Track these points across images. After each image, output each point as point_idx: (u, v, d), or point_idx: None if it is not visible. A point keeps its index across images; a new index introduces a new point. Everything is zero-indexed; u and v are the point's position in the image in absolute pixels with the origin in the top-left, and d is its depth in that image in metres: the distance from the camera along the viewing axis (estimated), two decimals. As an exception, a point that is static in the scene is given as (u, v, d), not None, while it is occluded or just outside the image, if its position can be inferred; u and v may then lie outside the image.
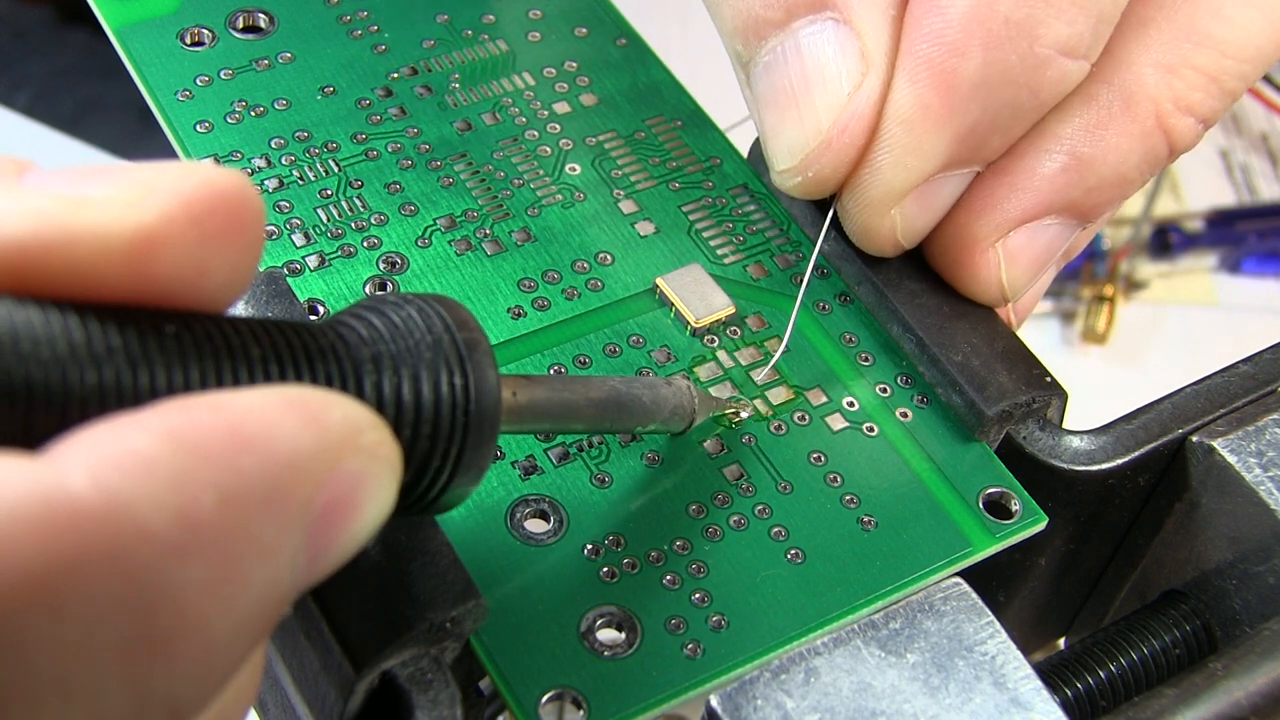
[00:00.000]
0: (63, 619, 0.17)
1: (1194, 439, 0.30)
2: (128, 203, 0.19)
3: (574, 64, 0.36)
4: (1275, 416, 0.30)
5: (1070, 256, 0.32)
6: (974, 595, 0.27)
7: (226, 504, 0.18)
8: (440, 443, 0.22)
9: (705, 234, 0.33)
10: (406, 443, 0.22)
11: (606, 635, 0.27)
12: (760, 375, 0.31)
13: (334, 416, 0.20)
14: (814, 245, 0.33)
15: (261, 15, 0.35)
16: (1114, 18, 0.29)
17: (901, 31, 0.28)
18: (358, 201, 0.32)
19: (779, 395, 0.31)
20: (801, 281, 0.32)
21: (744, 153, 0.35)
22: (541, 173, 0.34)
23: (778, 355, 0.31)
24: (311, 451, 0.20)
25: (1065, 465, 0.30)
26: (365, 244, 0.32)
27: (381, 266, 0.31)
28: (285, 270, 0.31)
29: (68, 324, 0.19)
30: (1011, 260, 0.31)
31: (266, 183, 0.32)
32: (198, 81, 0.34)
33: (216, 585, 0.18)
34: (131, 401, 0.19)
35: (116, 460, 0.18)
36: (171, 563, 0.18)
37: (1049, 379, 0.30)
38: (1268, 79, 0.77)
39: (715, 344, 0.31)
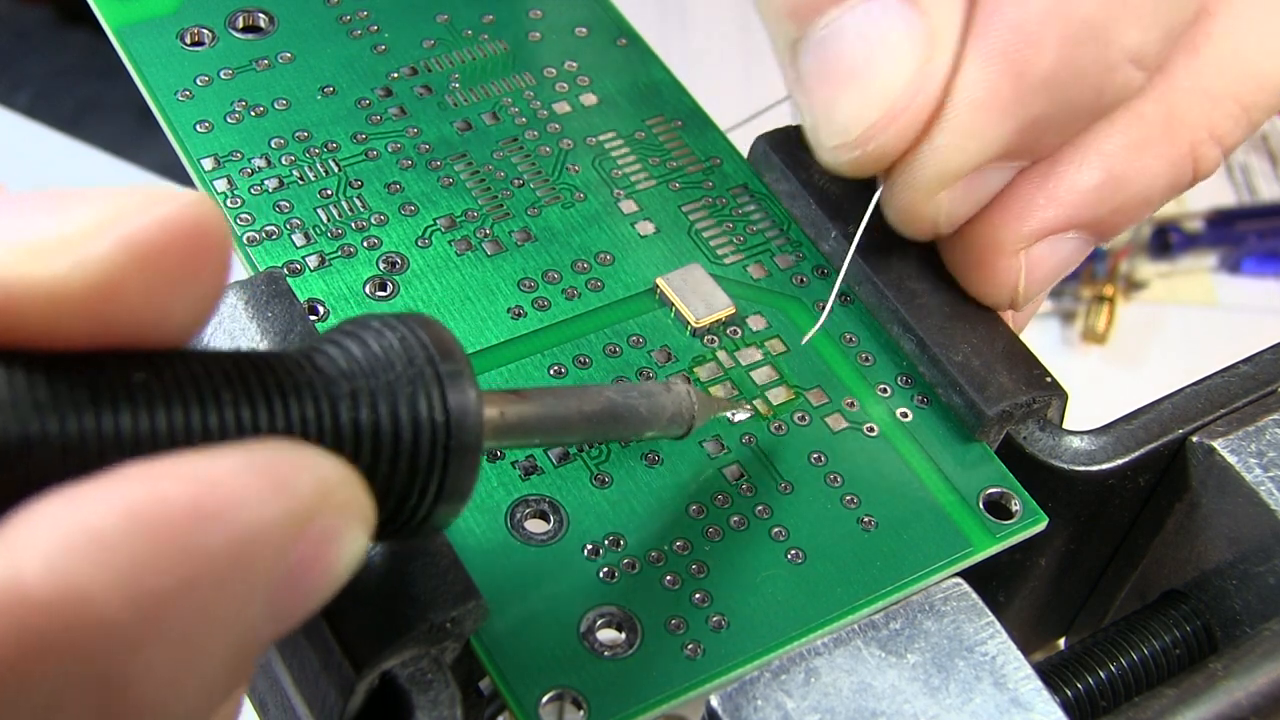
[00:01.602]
0: (20, 708, 0.17)
1: (1194, 439, 0.30)
2: (77, 254, 0.19)
3: (574, 64, 0.36)
4: (1275, 416, 0.30)
5: (1070, 271, 0.32)
6: (974, 595, 0.27)
7: (188, 586, 0.18)
8: (420, 474, 0.22)
9: (705, 234, 0.33)
10: (384, 477, 0.22)
11: (606, 635, 0.27)
12: (805, 339, 0.31)
13: (302, 482, 0.20)
14: (850, 241, 0.33)
15: (261, 15, 0.35)
16: (1178, 36, 0.29)
17: (974, 17, 0.28)
18: (358, 201, 0.32)
19: (779, 395, 0.31)
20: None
21: (744, 153, 0.35)
22: (541, 173, 0.34)
23: (814, 331, 0.31)
24: (279, 521, 0.19)
25: (1065, 465, 0.30)
26: (365, 244, 0.32)
27: (381, 266, 0.31)
28: (285, 270, 0.31)
29: (30, 378, 0.18)
30: (1031, 270, 0.31)
31: (266, 183, 0.32)
32: (198, 81, 0.34)
33: (178, 665, 0.18)
34: (97, 456, 0.18)
35: (73, 544, 0.17)
36: (132, 650, 0.17)
37: (1049, 379, 0.30)
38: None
39: (715, 344, 0.31)
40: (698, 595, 0.27)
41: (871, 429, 0.30)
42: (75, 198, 0.19)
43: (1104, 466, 0.30)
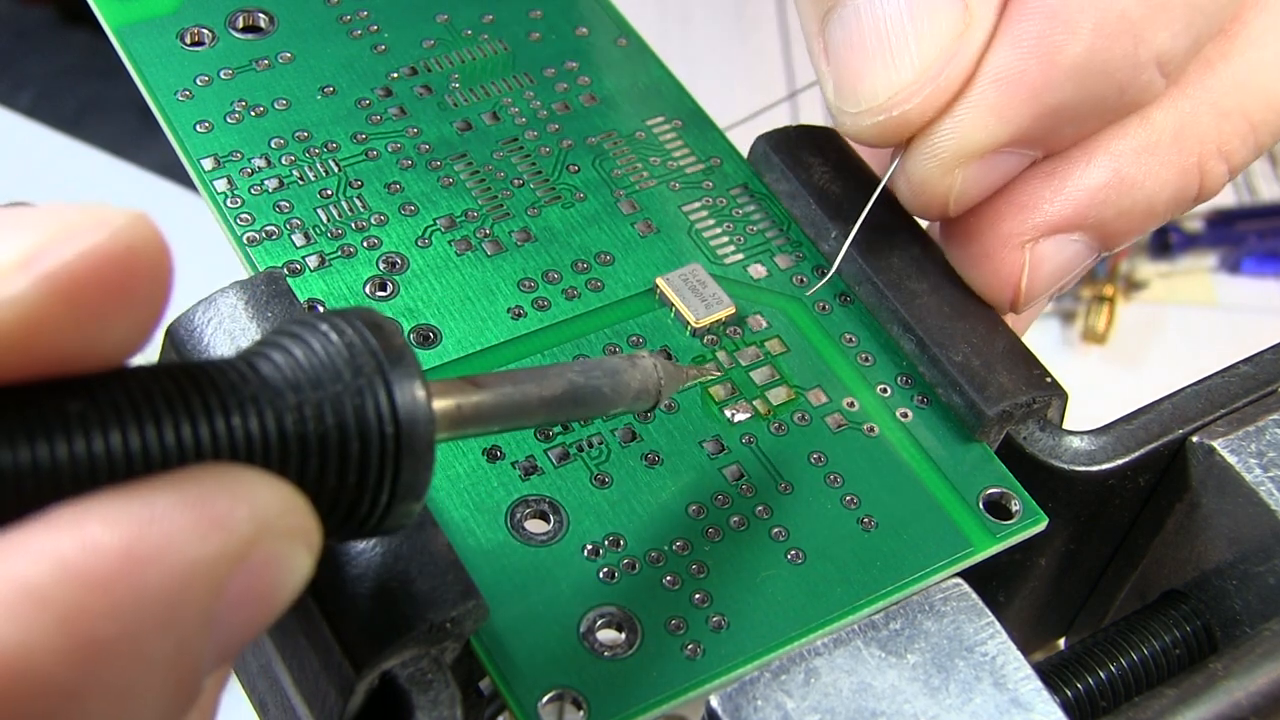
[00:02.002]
0: None
1: (1194, 439, 0.30)
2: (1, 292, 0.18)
3: (574, 64, 0.36)
4: (1275, 416, 0.30)
5: (1068, 283, 0.32)
6: (974, 595, 0.27)
7: (125, 635, 0.18)
8: (371, 482, 0.22)
9: (705, 234, 0.33)
10: (332, 489, 0.21)
11: (606, 635, 0.27)
12: (813, 290, 0.32)
13: (239, 515, 0.19)
14: (843, 240, 0.33)
15: (261, 15, 0.35)
16: (1203, 46, 0.29)
17: None
18: (358, 201, 0.32)
19: (779, 395, 0.31)
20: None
21: (744, 153, 0.35)
22: (541, 173, 0.34)
23: (820, 285, 0.32)
24: (215, 558, 0.19)
25: (1065, 465, 0.30)
26: (365, 244, 0.32)
27: (381, 266, 0.31)
28: (285, 270, 0.31)
29: None
30: (1034, 267, 0.31)
31: (266, 183, 0.32)
32: (198, 81, 0.34)
33: (120, 709, 0.18)
34: (34, 492, 0.18)
35: (5, 600, 0.17)
36: (72, 701, 0.17)
37: (1049, 379, 0.30)
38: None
39: (715, 344, 0.31)
40: (698, 595, 0.27)
41: (871, 429, 0.30)
42: (3, 226, 0.19)
43: (1104, 466, 0.30)
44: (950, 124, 0.29)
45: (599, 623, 0.27)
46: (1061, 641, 0.37)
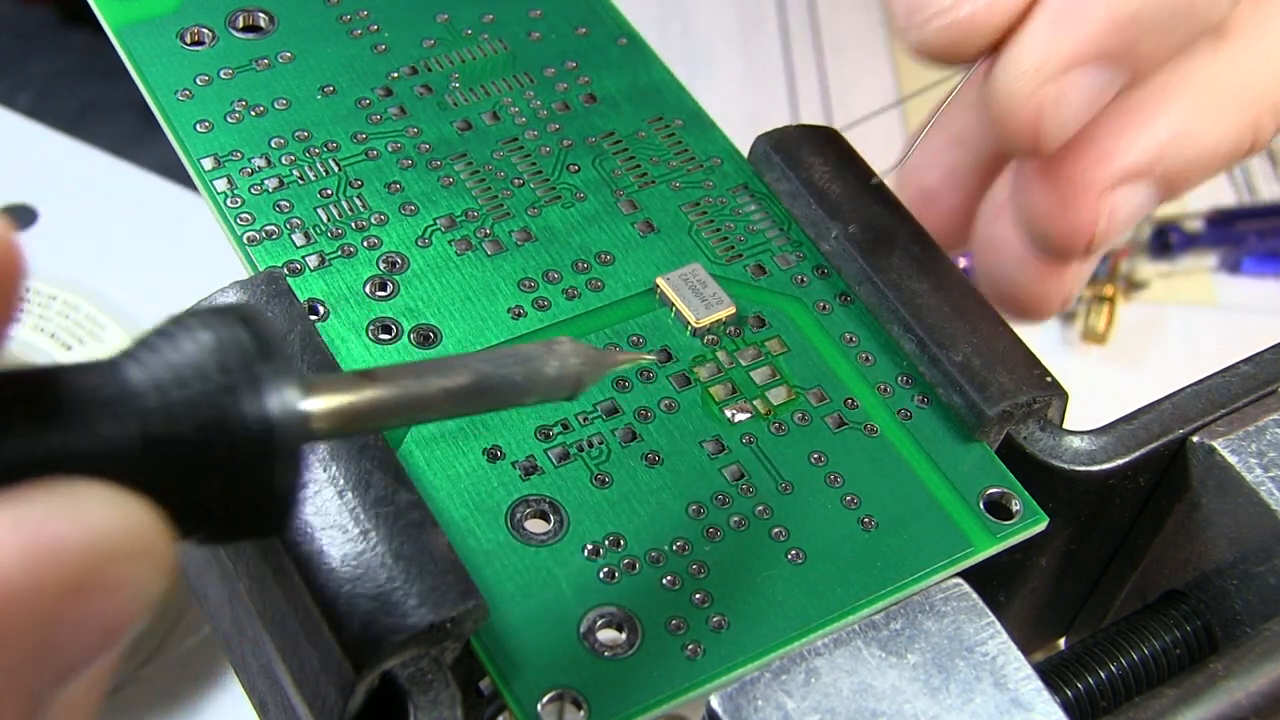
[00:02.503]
0: None
1: (1194, 439, 0.30)
2: None
3: (574, 64, 0.36)
4: (1275, 416, 0.30)
5: (1135, 223, 0.34)
6: (974, 595, 0.27)
7: None
8: (239, 486, 0.20)
9: (705, 234, 0.33)
10: (197, 491, 0.20)
11: (606, 635, 0.27)
12: (892, 168, 0.32)
13: (73, 541, 0.18)
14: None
15: (261, 15, 0.35)
16: None
17: None
18: (358, 201, 0.32)
19: (779, 395, 0.31)
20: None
21: (744, 153, 0.35)
22: (541, 173, 0.34)
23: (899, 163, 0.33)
24: (45, 589, 0.17)
25: (1066, 465, 0.30)
26: (365, 244, 0.32)
27: (381, 266, 0.31)
28: (285, 270, 0.31)
29: None
30: (1111, 213, 0.32)
31: (267, 182, 0.32)
32: (198, 81, 0.34)
33: None
34: None
35: None
36: None
37: (1049, 379, 0.30)
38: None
39: (715, 344, 0.31)
40: (698, 595, 0.27)
41: (872, 429, 0.30)
42: None
43: (1104, 466, 0.30)
44: (1028, 35, 0.30)
45: (599, 623, 0.27)
46: (1061, 641, 0.37)
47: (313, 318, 0.30)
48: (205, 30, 0.35)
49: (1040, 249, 0.34)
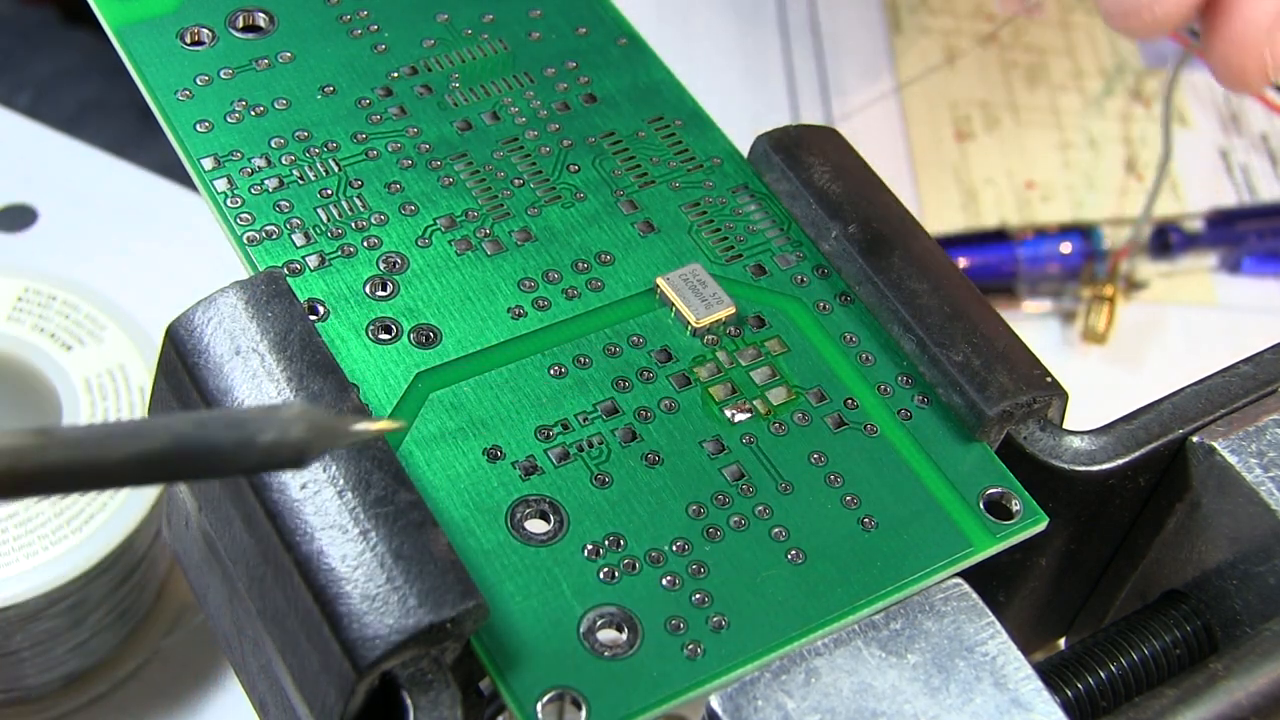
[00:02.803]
0: None
1: (1194, 439, 0.30)
2: None
3: (574, 64, 0.36)
4: (1276, 416, 0.30)
5: None
6: (974, 595, 0.27)
7: None
8: None
9: (705, 234, 0.33)
10: None
11: (606, 635, 0.27)
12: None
13: None
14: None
15: (261, 15, 0.35)
16: None
17: None
18: (358, 201, 0.32)
19: (779, 395, 0.31)
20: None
21: (744, 153, 0.35)
22: (541, 173, 0.34)
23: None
24: None
25: (1066, 465, 0.30)
26: (365, 244, 0.32)
27: (381, 266, 0.31)
28: (285, 270, 0.31)
29: None
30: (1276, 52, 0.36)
31: (267, 182, 0.32)
32: (198, 81, 0.34)
33: None
34: None
35: None
36: None
37: (1049, 379, 0.30)
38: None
39: (715, 344, 0.31)
40: (698, 595, 0.27)
41: (871, 429, 0.30)
42: None
43: (1104, 466, 0.30)
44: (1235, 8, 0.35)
45: (599, 622, 0.27)
46: (1061, 641, 0.37)
47: (313, 318, 0.30)
48: (205, 30, 0.35)
49: None
